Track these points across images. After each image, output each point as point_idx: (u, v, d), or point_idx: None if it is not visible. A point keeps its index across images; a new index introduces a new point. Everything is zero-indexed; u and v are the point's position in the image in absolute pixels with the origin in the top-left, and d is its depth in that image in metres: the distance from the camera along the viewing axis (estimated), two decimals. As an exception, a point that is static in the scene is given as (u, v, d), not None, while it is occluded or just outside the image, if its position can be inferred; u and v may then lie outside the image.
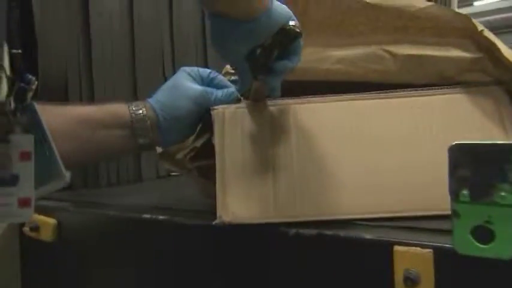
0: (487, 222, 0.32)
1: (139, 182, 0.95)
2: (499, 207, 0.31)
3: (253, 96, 0.53)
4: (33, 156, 0.40)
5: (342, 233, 0.44)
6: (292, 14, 0.48)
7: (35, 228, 0.68)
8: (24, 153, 0.40)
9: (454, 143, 0.33)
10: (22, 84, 0.40)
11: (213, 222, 0.48)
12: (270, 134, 0.51)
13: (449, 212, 0.43)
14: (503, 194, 0.31)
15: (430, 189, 0.47)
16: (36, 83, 0.41)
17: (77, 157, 0.45)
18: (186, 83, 0.56)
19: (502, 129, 0.49)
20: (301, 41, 0.49)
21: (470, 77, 0.52)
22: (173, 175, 1.00)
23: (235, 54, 0.48)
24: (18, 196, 0.40)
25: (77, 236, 0.66)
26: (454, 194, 0.33)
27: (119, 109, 0.54)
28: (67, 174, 0.43)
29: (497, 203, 0.31)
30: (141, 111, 0.54)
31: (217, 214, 0.48)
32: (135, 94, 0.94)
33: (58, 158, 0.43)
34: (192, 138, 0.58)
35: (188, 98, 0.55)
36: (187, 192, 0.73)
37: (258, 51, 0.47)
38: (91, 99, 0.86)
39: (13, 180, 0.40)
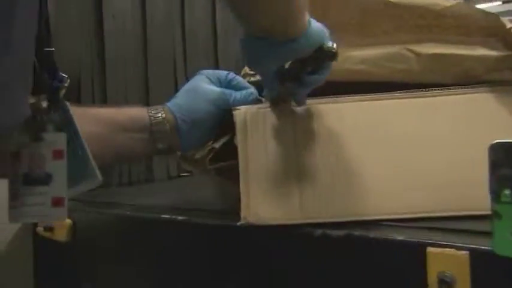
0: (531, 222, 0.31)
1: (150, 182, 0.94)
2: (544, 208, 0.30)
3: (276, 102, 0.52)
4: (66, 155, 0.40)
5: (371, 233, 0.43)
6: (327, 33, 0.47)
7: (49, 228, 0.67)
8: (57, 151, 0.39)
9: (495, 141, 0.32)
10: (55, 82, 0.39)
11: (238, 223, 0.47)
12: (293, 134, 0.51)
13: (481, 212, 0.43)
14: (548, 193, 0.30)
15: (459, 188, 0.46)
16: (68, 81, 0.40)
17: (98, 159, 0.44)
18: (204, 85, 0.56)
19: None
20: None
21: (497, 75, 0.51)
22: (184, 175, 0.99)
23: (268, 68, 0.48)
24: (52, 195, 0.39)
25: (92, 236, 0.66)
26: (495, 194, 0.32)
27: (138, 112, 0.54)
28: (99, 174, 0.42)
29: (542, 203, 0.30)
30: (159, 115, 0.53)
31: (242, 215, 0.47)
32: (147, 95, 0.94)
33: (91, 157, 0.42)
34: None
35: (207, 100, 0.54)
36: (201, 192, 0.73)
37: (290, 64, 0.48)
38: (103, 100, 0.86)
39: (46, 179, 0.39)
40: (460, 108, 0.50)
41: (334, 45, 0.47)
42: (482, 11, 0.51)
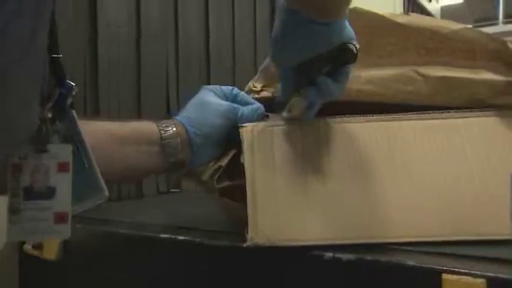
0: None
1: (139, 198, 0.91)
2: None
3: (288, 110, 0.50)
4: (71, 168, 0.37)
5: (383, 258, 0.42)
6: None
7: (38, 246, 0.64)
8: (62, 164, 0.37)
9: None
10: (62, 90, 0.37)
11: (244, 244, 0.46)
12: (301, 152, 0.50)
13: (493, 237, 0.43)
14: None
15: (469, 212, 0.46)
16: (76, 89, 0.38)
17: (105, 175, 0.42)
18: (212, 99, 0.55)
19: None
20: (352, 68, 0.48)
21: (504, 100, 0.52)
22: (174, 191, 0.97)
23: (294, 57, 0.46)
24: (54, 210, 0.37)
25: (83, 255, 0.63)
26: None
27: (148, 126, 0.52)
28: (106, 189, 0.40)
29: None
30: (170, 128, 0.52)
31: (249, 236, 0.46)
32: (138, 105, 0.92)
33: (98, 170, 0.40)
34: None
35: (217, 113, 0.53)
36: (194, 210, 0.71)
37: (310, 62, 0.46)
38: (95, 110, 0.83)
39: (50, 193, 0.37)
40: (470, 132, 0.50)
41: (357, 46, 0.46)
42: (488, 36, 0.52)
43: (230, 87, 0.57)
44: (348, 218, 0.46)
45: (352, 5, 0.56)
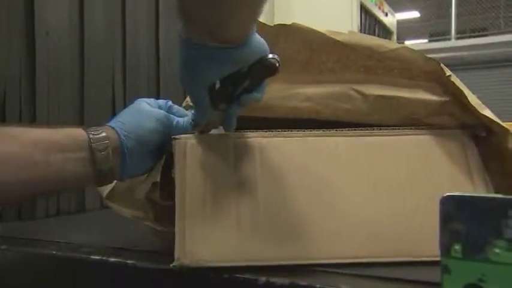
0: (480, 280, 0.30)
1: (81, 213, 0.87)
2: (493, 265, 0.30)
3: (205, 127, 0.50)
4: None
5: (317, 283, 0.41)
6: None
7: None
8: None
9: (446, 194, 0.31)
10: None
11: (171, 265, 0.44)
12: (234, 169, 0.48)
13: (426, 259, 0.43)
14: (497, 250, 0.30)
15: (400, 234, 0.46)
16: None
17: (32, 187, 0.38)
18: (147, 106, 0.52)
19: (467, 175, 0.50)
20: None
21: (438, 120, 0.52)
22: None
23: (203, 82, 0.46)
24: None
25: (9, 281, 0.59)
26: (445, 249, 0.31)
27: (76, 131, 0.48)
28: None
29: (491, 260, 0.30)
30: (100, 131, 0.48)
31: (176, 256, 0.44)
32: (81, 118, 0.88)
33: None
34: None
35: (152, 118, 0.50)
36: (136, 227, 0.68)
37: (224, 81, 0.45)
38: (32, 122, 0.79)
39: None
40: (403, 151, 0.51)
41: (276, 57, 0.45)
42: (424, 57, 0.52)
43: (165, 100, 0.55)
44: (279, 238, 0.45)
45: (302, 20, 0.56)
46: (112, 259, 0.51)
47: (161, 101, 0.55)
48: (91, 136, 0.47)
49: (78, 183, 0.53)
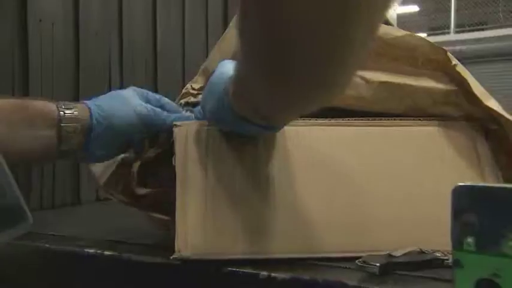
0: (494, 275, 0.28)
1: (76, 205, 0.86)
2: (508, 259, 0.28)
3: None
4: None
5: (319, 277, 0.39)
6: None
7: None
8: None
9: (458, 184, 0.29)
10: None
11: (171, 257, 0.42)
12: (237, 158, 0.46)
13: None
14: (512, 244, 0.28)
15: (407, 225, 0.44)
16: None
17: None
18: (131, 97, 0.50)
19: (478, 168, 0.48)
20: None
21: (444, 109, 0.51)
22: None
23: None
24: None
25: (3, 274, 0.57)
26: (458, 242, 0.30)
27: (48, 106, 0.46)
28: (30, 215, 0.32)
29: (505, 254, 0.28)
30: (73, 110, 0.47)
31: (176, 247, 0.42)
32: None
33: (20, 194, 0.31)
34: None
35: (133, 111, 0.49)
36: (132, 220, 0.66)
37: None
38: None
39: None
40: (411, 142, 0.49)
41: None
42: (431, 44, 0.51)
43: (158, 96, 0.53)
44: (283, 230, 0.43)
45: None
46: (107, 252, 0.49)
47: (151, 95, 0.53)
48: (61, 114, 0.46)
49: (40, 159, 0.53)
